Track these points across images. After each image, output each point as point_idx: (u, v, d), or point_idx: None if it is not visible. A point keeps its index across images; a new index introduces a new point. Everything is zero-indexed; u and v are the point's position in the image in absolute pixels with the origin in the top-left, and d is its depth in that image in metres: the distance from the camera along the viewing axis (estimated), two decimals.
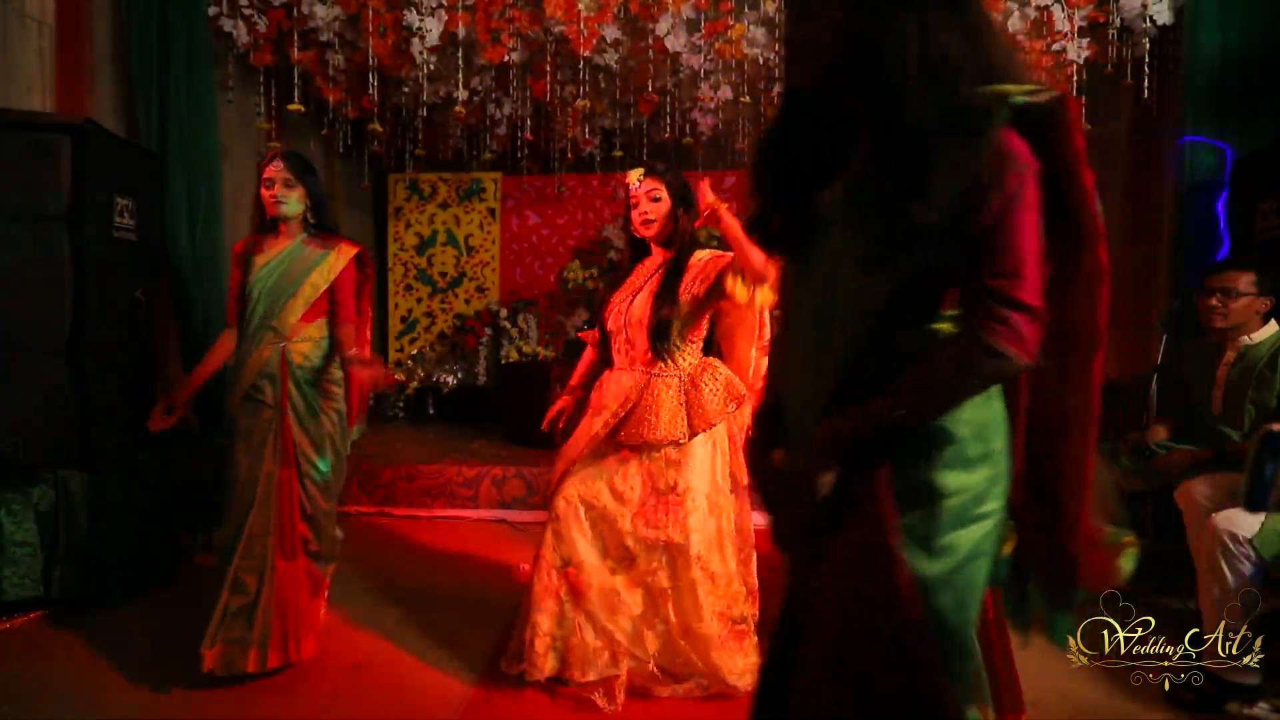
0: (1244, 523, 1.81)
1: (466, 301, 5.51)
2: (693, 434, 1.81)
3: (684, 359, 1.86)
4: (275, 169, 2.00)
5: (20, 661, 2.01)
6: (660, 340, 1.81)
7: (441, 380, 5.19)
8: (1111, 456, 2.50)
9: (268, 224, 2.05)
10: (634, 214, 1.90)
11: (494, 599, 2.45)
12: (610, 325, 1.93)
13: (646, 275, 1.93)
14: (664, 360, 1.83)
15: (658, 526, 1.80)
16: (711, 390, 1.83)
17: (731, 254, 1.75)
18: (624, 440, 1.84)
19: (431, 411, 5.10)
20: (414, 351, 5.46)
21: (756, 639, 1.90)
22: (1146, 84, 3.28)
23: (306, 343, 2.01)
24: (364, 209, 5.49)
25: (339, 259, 2.05)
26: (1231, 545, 1.78)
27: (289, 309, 2.00)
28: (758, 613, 1.97)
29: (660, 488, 1.82)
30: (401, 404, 5.14)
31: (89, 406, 2.33)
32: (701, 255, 1.87)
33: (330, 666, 1.99)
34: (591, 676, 1.80)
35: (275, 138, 3.76)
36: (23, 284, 2.23)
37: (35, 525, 2.16)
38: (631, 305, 1.88)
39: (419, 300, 5.54)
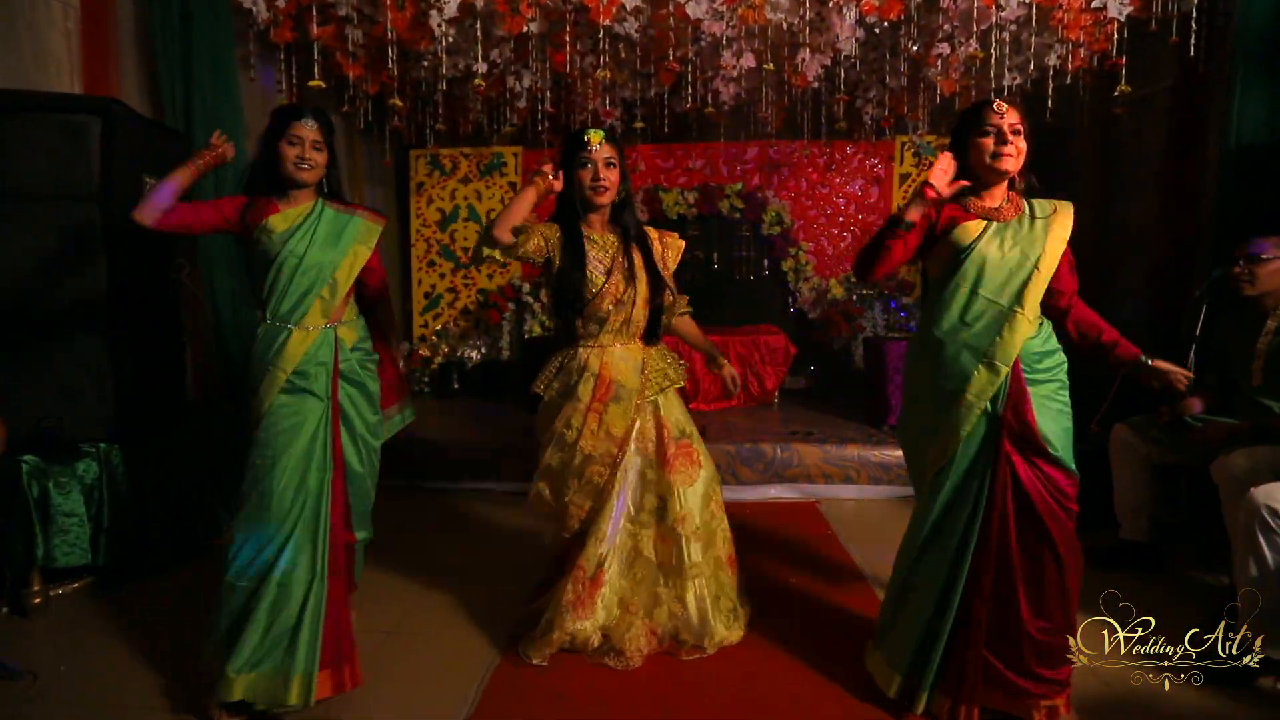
0: None
1: (489, 277, 5.52)
2: (681, 378, 2.01)
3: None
4: (309, 129, 1.77)
5: (73, 625, 2.11)
6: (662, 320, 1.97)
7: (465, 355, 5.25)
8: (1146, 429, 2.45)
9: (274, 184, 1.80)
10: (584, 175, 1.83)
11: (519, 569, 2.50)
12: (608, 308, 1.87)
13: (614, 250, 1.90)
14: (658, 334, 1.98)
15: (683, 469, 1.90)
16: (675, 354, 2.05)
17: (676, 235, 2.05)
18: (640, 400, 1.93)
19: (456, 386, 5.15)
20: (438, 327, 5.51)
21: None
22: (1194, 41, 3.13)
23: (348, 325, 1.86)
24: (386, 185, 5.51)
25: (377, 226, 1.89)
26: (1271, 520, 1.73)
27: (341, 278, 1.80)
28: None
29: (675, 434, 1.93)
30: (426, 379, 5.21)
31: (126, 382, 2.40)
32: (652, 231, 2.02)
33: (362, 633, 2.04)
34: (596, 643, 1.88)
35: None
36: (59, 263, 2.28)
37: (81, 497, 2.23)
38: (635, 286, 1.89)
39: (442, 276, 5.57)
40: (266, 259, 1.77)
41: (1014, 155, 1.58)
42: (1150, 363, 1.65)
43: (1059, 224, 1.61)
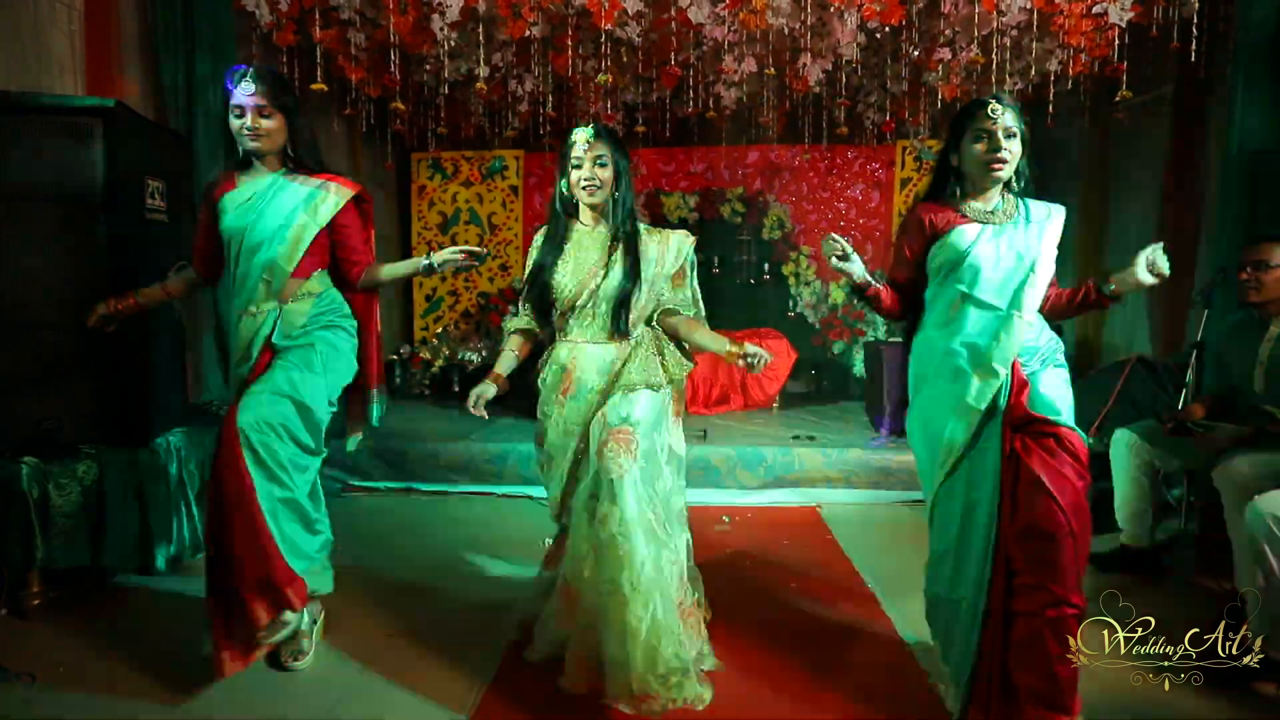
0: None
1: (490, 280, 5.53)
2: (669, 380, 1.83)
3: (643, 325, 1.86)
4: (246, 93, 1.63)
5: (71, 626, 2.10)
6: (627, 316, 1.79)
7: (466, 358, 5.25)
8: (1147, 435, 2.44)
9: (240, 161, 1.74)
10: (575, 174, 1.79)
11: (520, 571, 2.50)
12: (582, 302, 1.80)
13: (599, 248, 1.82)
14: (636, 330, 1.83)
15: (612, 456, 1.64)
16: (672, 348, 1.88)
17: (684, 233, 1.92)
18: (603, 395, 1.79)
19: (456, 389, 5.15)
20: (438, 330, 5.52)
21: (703, 620, 1.85)
22: (1194, 47, 3.13)
23: (306, 299, 1.74)
24: (387, 188, 5.52)
25: (336, 196, 1.75)
26: (1277, 530, 1.72)
27: (281, 257, 1.69)
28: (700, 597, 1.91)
29: (612, 420, 1.71)
30: (427, 382, 5.21)
31: (127, 383, 2.40)
32: (655, 231, 1.89)
33: (364, 634, 2.05)
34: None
35: None
36: (61, 264, 2.28)
37: (80, 498, 2.23)
38: (607, 281, 1.79)
39: (443, 279, 5.57)
40: (222, 240, 1.73)
41: (1007, 161, 1.58)
42: (1111, 290, 1.60)
43: (1052, 228, 1.63)
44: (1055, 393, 1.58)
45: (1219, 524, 2.07)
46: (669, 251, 1.87)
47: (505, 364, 1.92)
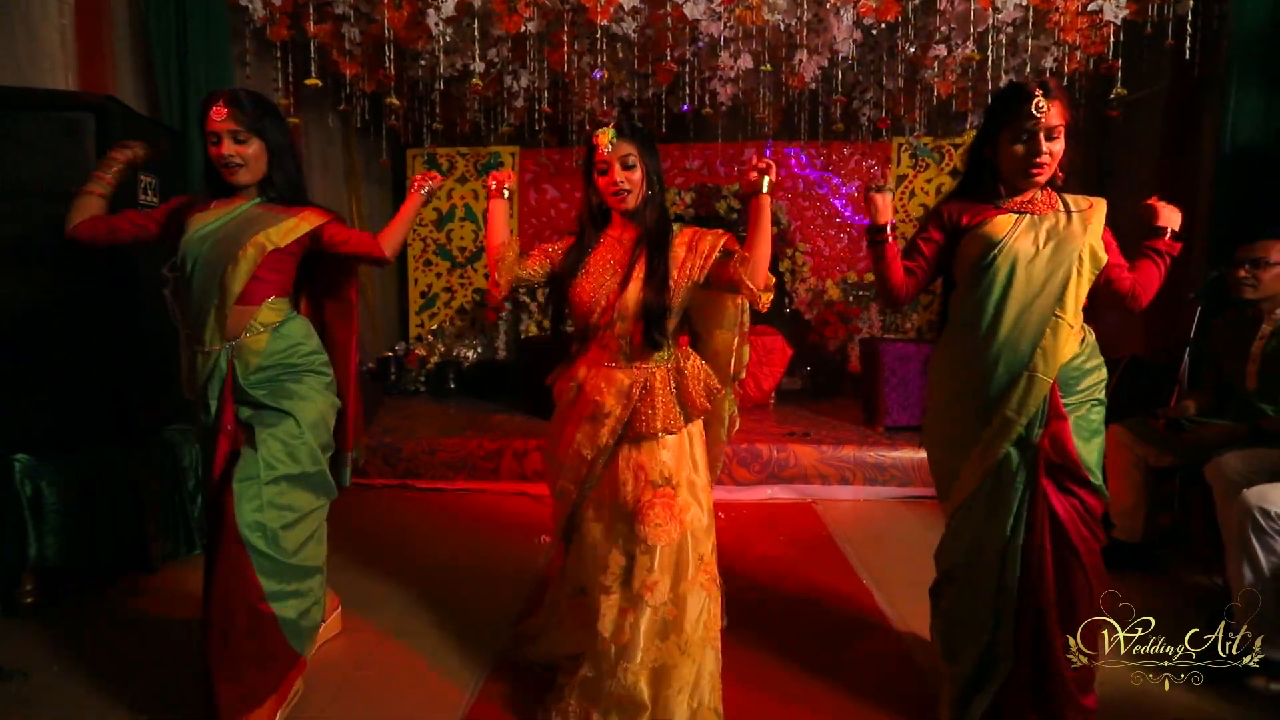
0: (1278, 498, 1.77)
1: (486, 276, 5.52)
2: (688, 421, 1.64)
3: (669, 346, 1.66)
4: (220, 118, 1.52)
5: (66, 624, 2.10)
6: (658, 332, 1.60)
7: (461, 355, 5.24)
8: (1140, 431, 2.46)
9: (223, 189, 1.62)
10: (601, 181, 1.61)
11: (516, 570, 2.50)
12: (597, 319, 1.63)
13: (624, 257, 1.64)
14: (659, 351, 1.63)
15: (659, 523, 1.57)
16: (694, 376, 1.65)
17: (719, 232, 1.62)
18: (625, 437, 1.64)
19: (452, 386, 5.14)
20: (434, 327, 5.50)
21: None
22: (1189, 44, 3.14)
23: (260, 335, 1.58)
24: (382, 184, 5.50)
25: (304, 222, 1.62)
26: (1264, 522, 1.74)
27: (229, 278, 1.55)
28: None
29: (655, 480, 1.60)
30: (423, 378, 5.20)
31: (121, 382, 2.39)
32: (687, 231, 1.66)
33: (360, 633, 2.05)
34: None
35: (293, 113, 3.76)
36: (53, 261, 2.27)
37: (75, 495, 2.22)
38: (625, 295, 1.60)
39: (438, 275, 5.56)
40: (177, 254, 1.61)
41: (1048, 165, 1.47)
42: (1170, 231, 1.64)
43: (1095, 218, 1.51)
44: (1088, 447, 1.49)
45: (1211, 520, 2.09)
46: (696, 255, 1.61)
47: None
